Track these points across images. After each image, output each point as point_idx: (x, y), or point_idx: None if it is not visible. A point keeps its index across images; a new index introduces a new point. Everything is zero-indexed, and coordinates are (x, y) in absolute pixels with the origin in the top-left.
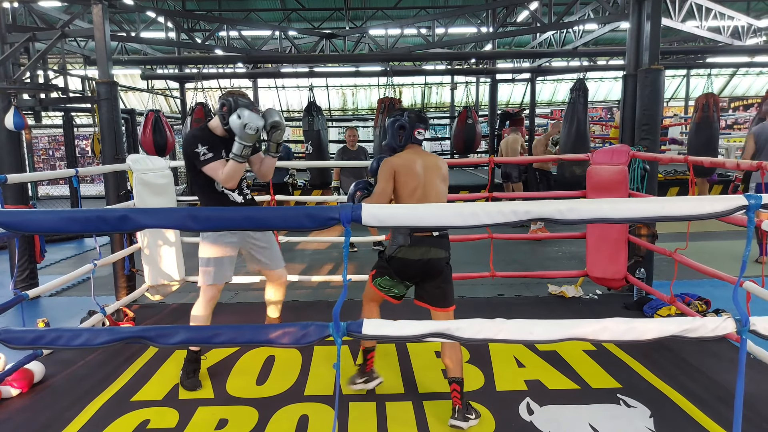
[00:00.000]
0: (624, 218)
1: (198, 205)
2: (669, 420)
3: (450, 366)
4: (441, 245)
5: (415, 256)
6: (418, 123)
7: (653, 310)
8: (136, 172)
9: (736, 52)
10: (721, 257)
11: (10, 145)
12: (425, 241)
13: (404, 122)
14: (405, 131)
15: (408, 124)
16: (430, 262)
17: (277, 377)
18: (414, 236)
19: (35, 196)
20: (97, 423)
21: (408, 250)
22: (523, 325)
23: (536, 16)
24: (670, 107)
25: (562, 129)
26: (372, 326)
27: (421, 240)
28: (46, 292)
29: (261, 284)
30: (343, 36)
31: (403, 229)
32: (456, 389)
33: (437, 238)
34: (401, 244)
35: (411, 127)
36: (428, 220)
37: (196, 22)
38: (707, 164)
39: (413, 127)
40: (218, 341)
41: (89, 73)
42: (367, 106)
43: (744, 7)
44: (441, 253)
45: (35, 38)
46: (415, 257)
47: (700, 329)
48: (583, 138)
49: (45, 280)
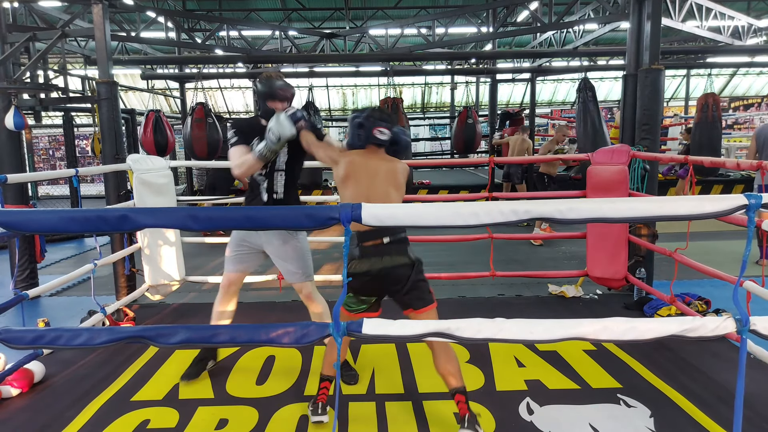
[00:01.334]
0: (624, 218)
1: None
2: (669, 420)
3: (450, 377)
4: (396, 251)
5: (363, 268)
6: (379, 122)
7: (653, 310)
8: (137, 172)
9: (736, 52)
10: (721, 257)
11: (10, 145)
12: (375, 250)
13: (362, 120)
14: (363, 130)
15: (366, 122)
16: (383, 273)
17: (277, 377)
18: (363, 246)
19: (35, 195)
20: (97, 423)
21: (359, 263)
22: (523, 325)
23: (536, 16)
24: (670, 107)
25: (577, 129)
26: (372, 326)
27: (371, 250)
28: (47, 291)
29: (261, 284)
30: (343, 36)
31: (354, 241)
32: (461, 399)
33: (389, 245)
34: (353, 257)
35: (370, 125)
36: (428, 219)
37: (196, 22)
38: (707, 164)
39: (372, 125)
40: (218, 341)
41: (89, 72)
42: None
43: (744, 7)
44: (397, 260)
45: (35, 38)
46: (364, 269)
47: (701, 329)
48: (601, 134)
49: (45, 279)
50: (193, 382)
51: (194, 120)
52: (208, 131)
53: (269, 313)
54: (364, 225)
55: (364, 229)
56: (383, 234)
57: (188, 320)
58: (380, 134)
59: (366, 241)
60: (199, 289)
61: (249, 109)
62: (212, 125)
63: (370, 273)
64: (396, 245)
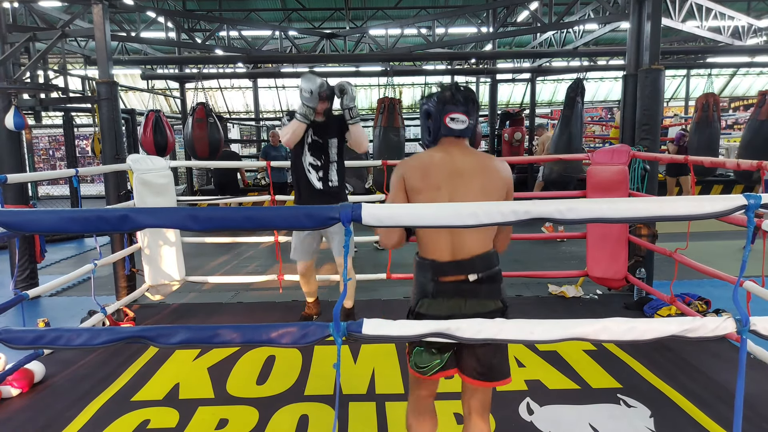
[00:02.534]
0: (624, 218)
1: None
2: (669, 420)
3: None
4: (485, 294)
5: (445, 311)
6: (449, 105)
7: (653, 310)
8: (137, 172)
9: (736, 52)
10: (721, 257)
11: (10, 145)
12: (458, 289)
13: (429, 107)
14: (433, 120)
15: (434, 108)
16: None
17: (277, 377)
18: (440, 282)
19: (35, 196)
20: (97, 423)
21: (433, 303)
22: (523, 325)
23: (536, 16)
24: (670, 107)
25: (555, 128)
26: (372, 326)
27: (452, 287)
28: (47, 292)
29: (261, 284)
30: (343, 36)
31: (425, 272)
32: None
33: (477, 283)
34: (424, 294)
35: (439, 112)
36: (428, 220)
37: (196, 22)
38: (707, 164)
39: (443, 111)
40: (218, 341)
41: (89, 73)
42: (367, 106)
43: (744, 7)
44: (486, 305)
45: (35, 38)
46: (446, 313)
47: (701, 329)
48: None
49: (45, 280)
50: (195, 383)
51: (195, 120)
52: (209, 131)
53: (269, 313)
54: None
55: (444, 259)
56: (468, 269)
57: (188, 320)
58: (454, 123)
59: (444, 275)
60: (199, 289)
61: (249, 109)
62: (213, 125)
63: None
64: (487, 285)
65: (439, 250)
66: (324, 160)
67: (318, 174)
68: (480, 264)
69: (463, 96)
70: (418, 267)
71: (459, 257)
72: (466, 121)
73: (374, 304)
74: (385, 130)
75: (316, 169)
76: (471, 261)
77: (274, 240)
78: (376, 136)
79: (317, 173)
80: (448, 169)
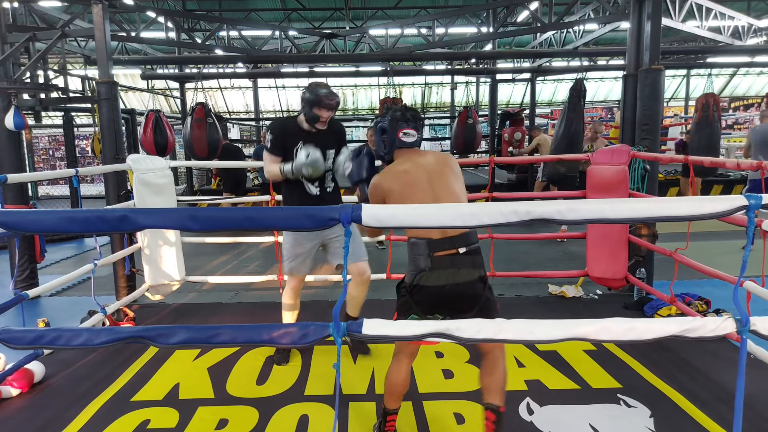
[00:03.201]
0: (624, 218)
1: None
2: (669, 420)
3: (489, 389)
4: (471, 263)
5: (439, 281)
6: (401, 123)
7: (654, 310)
8: (137, 172)
9: (736, 52)
10: (721, 257)
11: (10, 145)
12: (451, 261)
13: (384, 124)
14: (387, 135)
15: (388, 125)
16: (460, 287)
17: (277, 377)
18: (435, 257)
19: (35, 196)
20: (97, 423)
21: (430, 275)
22: (523, 325)
23: (536, 16)
24: (670, 107)
25: (556, 127)
26: (372, 326)
27: (445, 260)
28: (47, 292)
29: (261, 284)
30: (343, 36)
31: (421, 250)
32: (491, 419)
33: (465, 255)
34: (421, 268)
35: (393, 128)
36: (429, 220)
37: (196, 22)
38: (707, 164)
39: (396, 128)
40: (218, 341)
41: (89, 73)
42: (367, 106)
43: (744, 7)
44: (473, 274)
45: (35, 38)
46: (440, 283)
47: (701, 329)
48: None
49: (45, 280)
50: (195, 383)
51: (194, 120)
52: (208, 131)
53: (269, 313)
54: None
55: (436, 237)
56: (457, 243)
57: (188, 320)
58: (406, 136)
59: (438, 250)
60: (199, 289)
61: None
62: (212, 125)
63: (446, 287)
64: (472, 256)
65: (432, 230)
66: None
67: (314, 183)
68: (467, 239)
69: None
70: (413, 247)
71: (449, 234)
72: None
73: (374, 304)
74: None
75: (311, 180)
76: (460, 237)
77: (274, 240)
78: None
79: (313, 183)
80: (421, 169)
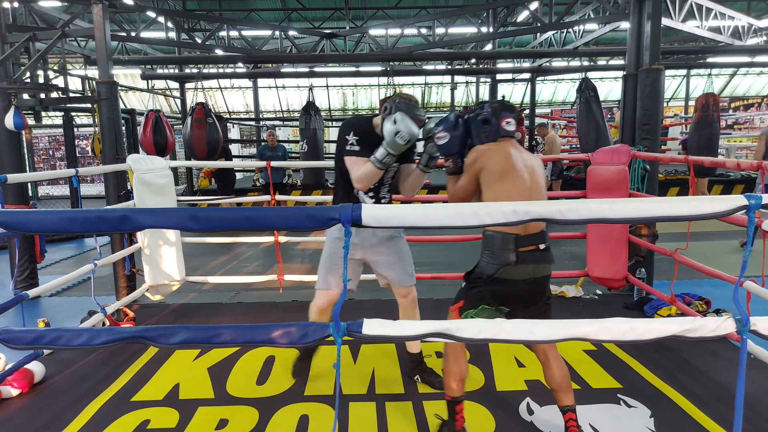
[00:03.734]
0: (624, 218)
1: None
2: (669, 420)
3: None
4: (549, 259)
5: (524, 275)
6: (505, 112)
7: (654, 310)
8: (137, 172)
9: (736, 52)
10: (721, 257)
11: (10, 145)
12: (534, 256)
13: (487, 115)
14: (490, 125)
15: (492, 116)
16: (538, 282)
17: (277, 377)
18: (521, 252)
19: (35, 196)
20: (97, 423)
21: (515, 269)
22: (523, 325)
23: (536, 16)
24: (670, 107)
25: (580, 129)
26: (372, 326)
27: (530, 255)
28: (47, 292)
29: (261, 284)
30: (343, 36)
31: (507, 244)
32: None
33: (544, 251)
34: (507, 262)
35: (497, 118)
36: (429, 220)
37: (196, 22)
38: (707, 164)
39: (499, 117)
40: (218, 341)
41: (89, 73)
42: (367, 106)
43: (744, 7)
44: (548, 270)
45: (35, 38)
46: (524, 277)
47: (701, 329)
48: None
49: (45, 280)
50: (195, 383)
51: (194, 120)
52: (208, 131)
53: (269, 313)
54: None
55: (524, 233)
56: (539, 239)
57: (188, 320)
58: (509, 125)
59: (524, 246)
60: (199, 289)
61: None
62: (212, 125)
63: (528, 281)
64: (548, 253)
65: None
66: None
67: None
68: (545, 236)
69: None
70: (498, 240)
71: (531, 231)
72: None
73: (374, 304)
74: None
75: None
76: (540, 233)
77: (274, 240)
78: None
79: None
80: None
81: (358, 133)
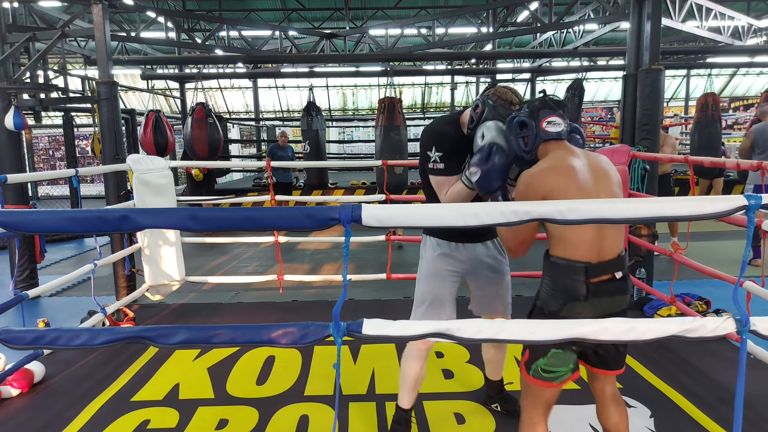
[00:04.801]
0: (624, 218)
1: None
2: (669, 420)
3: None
4: (626, 290)
5: (596, 312)
6: (544, 110)
7: (653, 310)
8: (137, 172)
9: (736, 52)
10: (721, 257)
11: (10, 145)
12: (609, 288)
13: (521, 117)
14: (527, 128)
15: (528, 116)
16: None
17: (277, 377)
18: (592, 283)
19: (35, 196)
20: (97, 423)
21: (586, 305)
22: (523, 325)
23: (536, 16)
24: (670, 107)
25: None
26: (372, 326)
27: (603, 287)
28: (47, 292)
29: (261, 284)
30: (343, 36)
31: (576, 275)
32: None
33: (621, 281)
34: (576, 296)
35: (535, 119)
36: (429, 220)
37: (196, 22)
38: (707, 164)
39: (539, 117)
40: (218, 341)
41: (89, 73)
42: (367, 106)
43: (744, 7)
44: (625, 303)
45: (35, 38)
46: (597, 314)
47: (701, 329)
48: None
49: (45, 280)
50: (195, 383)
51: (194, 120)
52: (208, 131)
53: (269, 313)
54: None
55: (597, 260)
56: (616, 266)
57: (188, 320)
58: (552, 126)
59: (597, 275)
60: (199, 289)
61: (249, 109)
62: (212, 125)
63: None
64: (627, 283)
65: (588, 250)
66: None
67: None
68: (623, 262)
69: (555, 101)
70: (562, 269)
71: (607, 257)
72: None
73: (374, 304)
74: (386, 129)
75: None
76: (618, 259)
77: (274, 240)
78: (378, 136)
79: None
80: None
81: (442, 146)
